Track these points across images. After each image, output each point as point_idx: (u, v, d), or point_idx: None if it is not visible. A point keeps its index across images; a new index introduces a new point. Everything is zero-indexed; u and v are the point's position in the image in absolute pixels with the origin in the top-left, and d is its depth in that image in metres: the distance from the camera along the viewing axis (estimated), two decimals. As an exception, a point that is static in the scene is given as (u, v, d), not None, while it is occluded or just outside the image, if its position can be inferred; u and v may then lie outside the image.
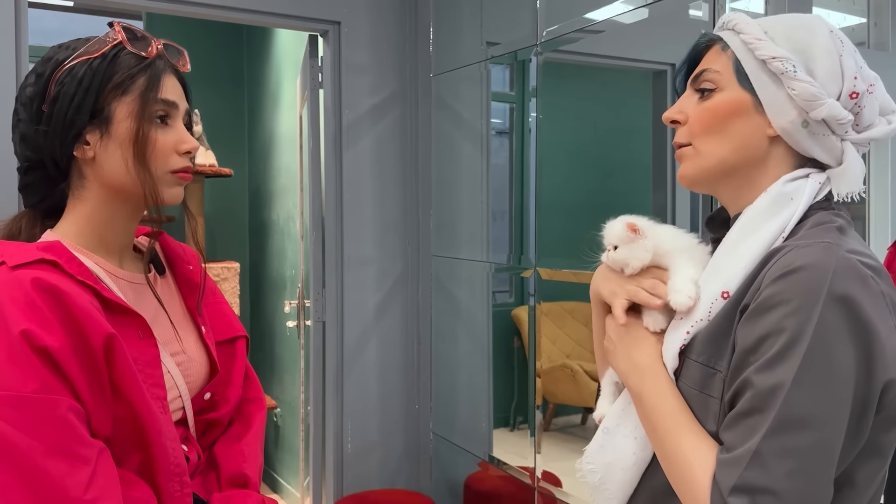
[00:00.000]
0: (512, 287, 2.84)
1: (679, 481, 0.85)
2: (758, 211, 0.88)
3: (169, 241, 1.22)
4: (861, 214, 2.18)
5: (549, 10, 2.13)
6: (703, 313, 0.87)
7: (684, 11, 1.81)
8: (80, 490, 0.89)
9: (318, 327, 2.66)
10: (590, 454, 0.98)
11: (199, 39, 3.93)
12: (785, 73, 0.86)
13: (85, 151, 1.03)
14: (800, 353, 0.77)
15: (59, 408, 0.90)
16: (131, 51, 1.04)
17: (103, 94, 1.02)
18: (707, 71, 0.92)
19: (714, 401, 0.85)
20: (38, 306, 0.92)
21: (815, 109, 0.86)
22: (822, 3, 2.22)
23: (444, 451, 2.70)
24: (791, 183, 0.88)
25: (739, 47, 0.90)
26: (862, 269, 0.79)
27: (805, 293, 0.77)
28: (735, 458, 0.79)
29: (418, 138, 2.69)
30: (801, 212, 0.87)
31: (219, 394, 1.18)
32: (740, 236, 0.88)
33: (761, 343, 0.80)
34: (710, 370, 0.86)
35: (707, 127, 0.91)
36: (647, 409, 0.90)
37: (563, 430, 2.65)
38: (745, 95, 0.89)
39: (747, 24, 0.90)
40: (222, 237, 4.03)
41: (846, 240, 0.83)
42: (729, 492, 0.78)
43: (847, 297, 0.77)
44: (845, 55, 0.88)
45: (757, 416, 0.78)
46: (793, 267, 0.79)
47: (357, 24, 2.59)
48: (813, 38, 0.88)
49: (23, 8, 2.05)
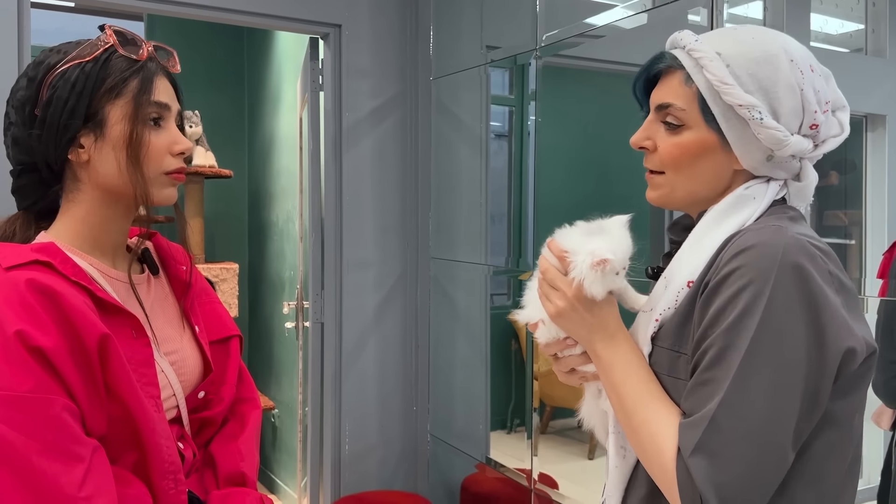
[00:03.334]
0: (510, 290, 2.85)
1: (646, 448, 0.89)
2: (721, 209, 0.94)
3: (162, 242, 1.23)
4: (858, 220, 2.19)
5: (548, 15, 2.14)
6: (671, 302, 0.93)
7: (683, 17, 1.82)
8: (74, 488, 0.90)
9: (316, 329, 2.66)
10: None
11: (200, 41, 3.94)
12: (752, 120, 0.90)
13: (79, 155, 1.04)
14: (753, 324, 0.81)
15: (53, 407, 0.91)
16: (122, 54, 1.04)
17: (96, 98, 1.02)
18: (673, 107, 0.95)
19: (682, 382, 0.89)
20: (33, 307, 0.92)
21: (781, 150, 0.91)
22: (820, 9, 2.23)
23: (442, 453, 2.71)
24: (754, 187, 0.94)
25: (705, 88, 0.92)
26: (811, 248, 0.84)
27: (758, 267, 0.83)
28: (693, 422, 0.84)
29: (418, 141, 2.70)
30: (763, 209, 0.93)
31: (213, 392, 1.18)
32: (704, 231, 0.94)
33: (718, 315, 0.85)
34: (675, 354, 0.91)
35: (677, 164, 0.96)
36: (617, 378, 0.93)
37: (561, 432, 2.65)
38: (712, 136, 0.94)
39: (711, 61, 0.92)
40: (221, 238, 4.04)
41: (796, 226, 0.89)
42: (689, 453, 0.82)
43: (799, 266, 0.82)
44: (805, 87, 0.91)
45: (713, 384, 0.83)
46: (747, 245, 0.85)
47: (358, 27, 2.60)
48: (776, 74, 0.91)
49: (25, 8, 2.06)
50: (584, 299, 0.95)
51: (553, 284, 0.97)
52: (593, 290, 0.94)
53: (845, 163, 2.23)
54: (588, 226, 0.99)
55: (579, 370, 1.02)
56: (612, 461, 0.98)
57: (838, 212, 2.23)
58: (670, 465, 0.85)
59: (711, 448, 0.81)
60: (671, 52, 0.98)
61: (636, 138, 1.00)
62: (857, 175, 2.21)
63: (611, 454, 0.98)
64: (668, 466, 0.85)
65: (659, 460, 0.87)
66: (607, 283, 0.94)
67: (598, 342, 0.96)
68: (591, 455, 2.55)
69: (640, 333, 0.96)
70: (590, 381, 1.03)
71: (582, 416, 1.08)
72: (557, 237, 0.99)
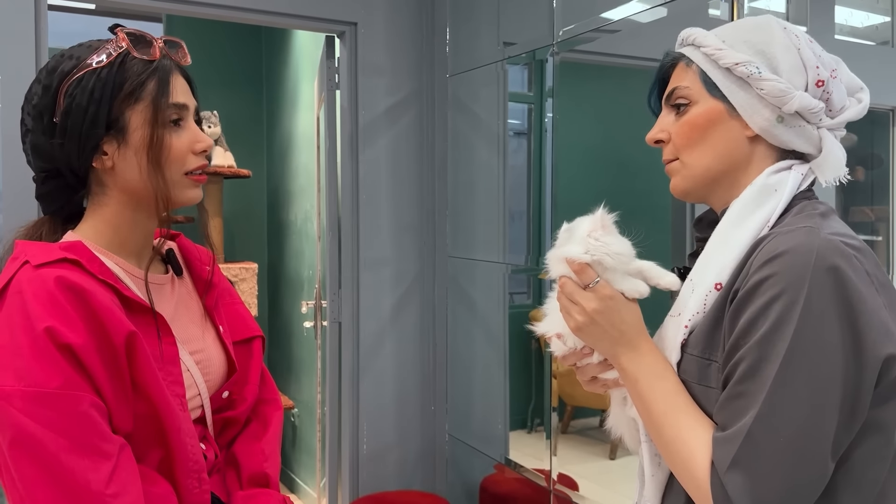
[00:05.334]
0: (529, 288, 2.83)
1: (678, 463, 0.86)
2: (744, 203, 0.91)
3: (186, 244, 1.24)
4: (885, 216, 2.14)
5: (565, 10, 2.12)
6: (699, 306, 0.90)
7: (703, 10, 1.79)
8: (101, 484, 0.91)
9: (334, 328, 2.66)
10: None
11: (217, 41, 3.96)
12: (751, 76, 0.90)
13: (104, 161, 1.04)
14: (787, 335, 0.79)
15: (81, 404, 0.92)
16: (137, 56, 1.04)
17: (116, 104, 1.02)
18: (677, 88, 0.97)
19: (713, 391, 0.87)
20: (62, 304, 0.93)
21: (787, 104, 0.89)
22: (846, 2, 2.19)
23: (460, 453, 2.70)
24: (774, 175, 0.92)
25: (702, 60, 0.94)
26: (845, 248, 0.81)
27: (791, 275, 0.80)
28: (728, 437, 0.81)
29: (434, 139, 2.69)
30: (786, 201, 0.90)
31: (236, 392, 1.19)
32: (729, 228, 0.91)
33: (751, 326, 0.82)
34: (705, 362, 0.89)
35: (688, 140, 0.95)
36: (643, 391, 0.91)
37: (581, 432, 2.63)
38: (717, 104, 0.94)
39: (705, 36, 0.95)
40: (241, 237, 4.05)
41: (828, 223, 0.86)
42: (725, 469, 0.80)
43: (834, 268, 0.79)
44: (803, 48, 0.92)
45: (747, 397, 0.81)
46: (778, 251, 0.82)
47: (374, 24, 2.59)
48: (770, 36, 0.92)
49: (42, 10, 2.07)
50: (604, 312, 0.92)
51: (572, 298, 0.95)
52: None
53: (871, 158, 2.19)
54: (572, 229, 0.97)
55: (600, 378, 1.00)
56: (648, 470, 0.95)
57: (864, 208, 2.19)
58: (704, 481, 0.82)
59: (748, 463, 0.79)
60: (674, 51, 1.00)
61: (651, 133, 1.00)
62: (884, 170, 2.17)
63: (646, 463, 0.95)
64: (702, 483, 0.83)
65: (691, 475, 0.84)
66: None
67: (621, 355, 0.93)
68: (613, 455, 2.52)
69: (668, 339, 0.94)
70: (612, 388, 1.02)
71: (610, 425, 1.06)
72: (565, 251, 0.96)
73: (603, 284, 0.93)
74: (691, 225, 1.08)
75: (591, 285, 0.93)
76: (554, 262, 0.97)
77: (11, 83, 2.00)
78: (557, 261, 0.96)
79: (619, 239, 0.95)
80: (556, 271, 0.96)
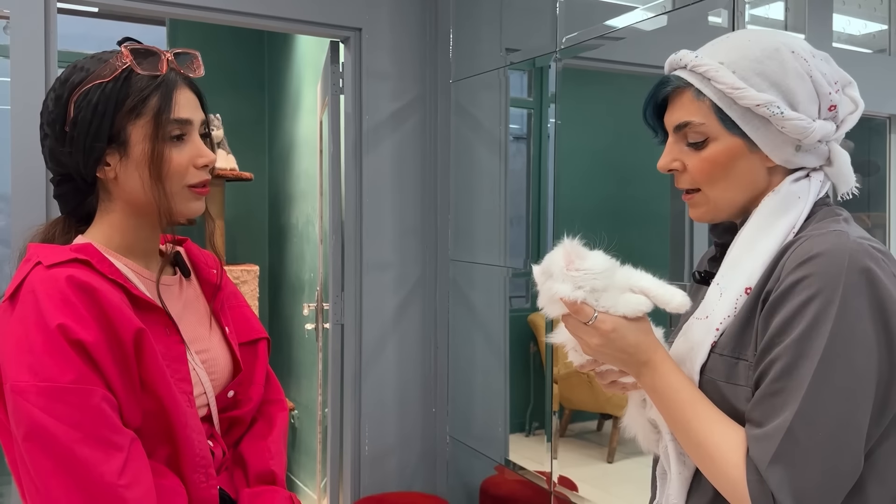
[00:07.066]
0: (529, 292, 2.85)
1: (710, 466, 0.89)
2: (770, 209, 0.94)
3: (193, 248, 1.27)
4: (882, 223, 2.17)
5: (568, 18, 2.14)
6: (730, 310, 0.93)
7: (703, 19, 1.81)
8: (114, 476, 0.93)
9: (336, 330, 2.68)
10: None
11: (221, 44, 3.98)
12: (773, 117, 0.91)
13: (107, 172, 1.07)
14: (825, 333, 0.82)
15: (93, 397, 0.94)
16: (141, 73, 1.05)
17: (118, 118, 1.04)
18: (691, 124, 0.96)
19: (742, 388, 0.89)
20: (73, 302, 0.96)
21: (808, 137, 0.92)
22: (842, 10, 2.21)
23: (461, 455, 2.71)
24: (797, 183, 0.95)
25: (717, 97, 0.93)
26: (874, 251, 0.85)
27: (826, 276, 0.83)
28: (768, 433, 0.84)
29: (437, 144, 2.71)
30: (809, 208, 0.94)
31: (241, 392, 1.21)
32: (756, 234, 0.94)
33: (787, 325, 0.85)
34: (734, 360, 0.91)
35: (711, 177, 0.96)
36: (663, 401, 0.94)
37: (580, 435, 2.65)
38: (737, 141, 0.94)
39: (717, 71, 0.93)
40: (242, 240, 4.07)
41: (853, 228, 0.91)
42: (766, 465, 0.82)
43: (866, 269, 0.83)
44: (813, 72, 0.93)
45: (784, 394, 0.83)
46: (812, 254, 0.85)
47: (378, 30, 2.62)
48: (782, 66, 0.92)
49: (52, 14, 2.09)
50: (608, 344, 0.94)
51: (576, 335, 0.97)
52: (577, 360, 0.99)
53: (868, 164, 2.21)
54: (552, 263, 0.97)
55: (619, 381, 1.02)
56: (675, 468, 0.97)
57: (861, 214, 2.21)
58: (739, 480, 0.85)
59: (789, 458, 0.82)
60: (674, 73, 0.98)
61: (663, 162, 1.00)
62: (881, 177, 2.19)
63: (672, 461, 0.97)
64: (738, 481, 0.85)
65: (725, 475, 0.86)
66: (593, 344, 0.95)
67: (636, 373, 0.96)
68: (611, 458, 2.54)
69: (696, 341, 0.95)
70: (631, 390, 1.03)
71: (624, 425, 1.08)
72: (557, 291, 0.95)
73: (602, 319, 0.93)
74: (708, 232, 1.10)
75: (590, 322, 0.94)
76: (548, 305, 0.97)
77: (21, 87, 2.01)
78: (551, 302, 0.96)
79: (594, 257, 0.95)
80: (553, 312, 0.97)
